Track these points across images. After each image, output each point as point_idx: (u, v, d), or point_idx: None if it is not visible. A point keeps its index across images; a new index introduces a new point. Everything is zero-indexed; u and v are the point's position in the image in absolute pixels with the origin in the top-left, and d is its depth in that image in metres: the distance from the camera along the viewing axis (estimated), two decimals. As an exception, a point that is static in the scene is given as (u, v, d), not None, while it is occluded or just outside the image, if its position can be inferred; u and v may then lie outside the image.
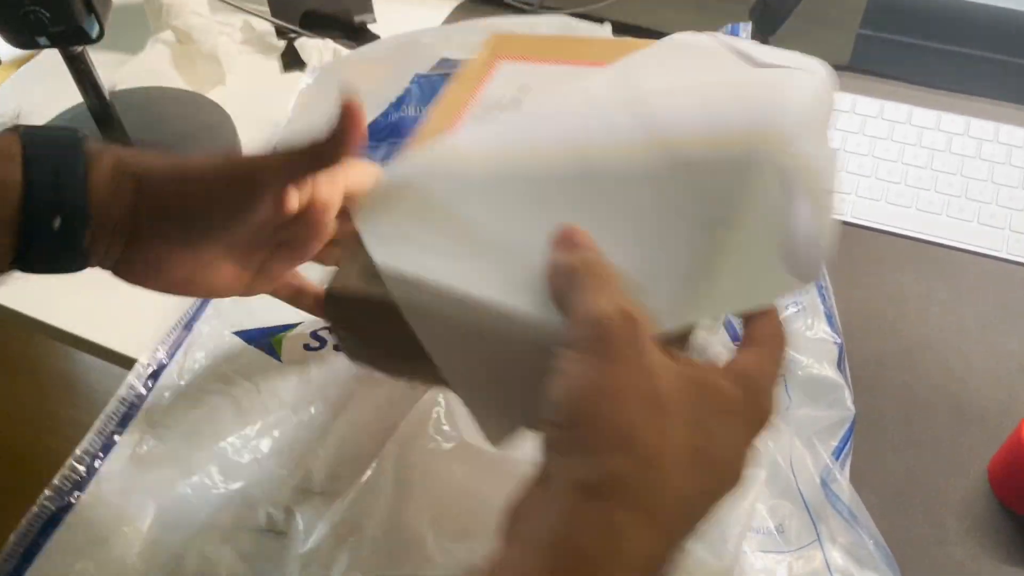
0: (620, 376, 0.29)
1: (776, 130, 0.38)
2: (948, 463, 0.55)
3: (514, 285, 0.36)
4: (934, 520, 0.53)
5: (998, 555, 0.51)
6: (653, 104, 0.41)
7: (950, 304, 0.63)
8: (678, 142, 0.39)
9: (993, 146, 0.71)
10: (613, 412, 0.29)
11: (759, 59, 0.42)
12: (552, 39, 0.50)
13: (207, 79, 0.79)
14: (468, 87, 0.47)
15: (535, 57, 0.48)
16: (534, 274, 0.35)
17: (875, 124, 0.74)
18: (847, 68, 0.80)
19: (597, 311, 0.31)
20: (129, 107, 0.73)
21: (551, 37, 0.50)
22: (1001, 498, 0.53)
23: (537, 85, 0.45)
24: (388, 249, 0.38)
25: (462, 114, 0.45)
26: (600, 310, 0.31)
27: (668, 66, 0.44)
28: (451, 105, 0.46)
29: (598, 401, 0.29)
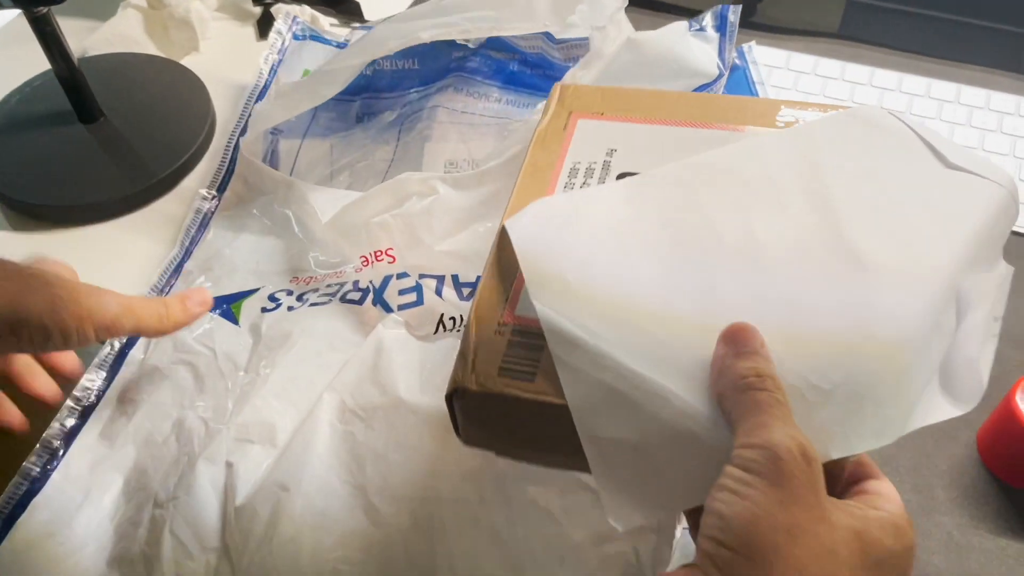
0: (800, 516, 0.29)
1: (959, 248, 0.37)
2: (937, 431, 0.54)
3: (677, 368, 0.34)
4: (923, 489, 0.51)
5: (987, 525, 0.50)
6: (835, 194, 0.39)
7: (939, 272, 0.62)
8: (862, 243, 0.37)
9: (984, 113, 0.70)
10: (791, 552, 0.29)
11: (948, 158, 0.40)
12: (623, 92, 0.48)
13: (180, 46, 0.76)
14: (551, 150, 0.45)
15: (614, 114, 0.47)
16: (698, 362, 0.34)
17: (865, 91, 0.72)
18: (836, 36, 0.78)
19: (775, 440, 0.30)
20: (99, 74, 0.71)
21: (621, 91, 0.49)
22: (990, 467, 0.52)
23: (623, 146, 0.44)
24: (551, 305, 0.37)
25: (553, 180, 0.44)
26: (779, 441, 0.30)
27: (851, 148, 0.41)
28: (539, 169, 0.44)
29: (775, 536, 0.29)
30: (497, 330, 0.38)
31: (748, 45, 0.73)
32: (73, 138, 0.68)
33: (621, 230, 0.40)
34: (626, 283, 0.38)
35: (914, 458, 0.53)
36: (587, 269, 0.38)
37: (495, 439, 0.40)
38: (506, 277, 0.40)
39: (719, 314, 0.35)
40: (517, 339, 0.38)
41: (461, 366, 0.38)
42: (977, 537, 0.49)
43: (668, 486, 0.34)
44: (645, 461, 0.34)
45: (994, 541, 0.49)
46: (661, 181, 0.42)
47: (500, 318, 0.39)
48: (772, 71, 0.73)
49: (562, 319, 0.36)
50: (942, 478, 0.52)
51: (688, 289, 0.37)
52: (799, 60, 0.74)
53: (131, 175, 0.66)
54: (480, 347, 0.38)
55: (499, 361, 0.37)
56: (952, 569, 0.48)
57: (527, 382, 0.37)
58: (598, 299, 0.37)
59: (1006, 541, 0.49)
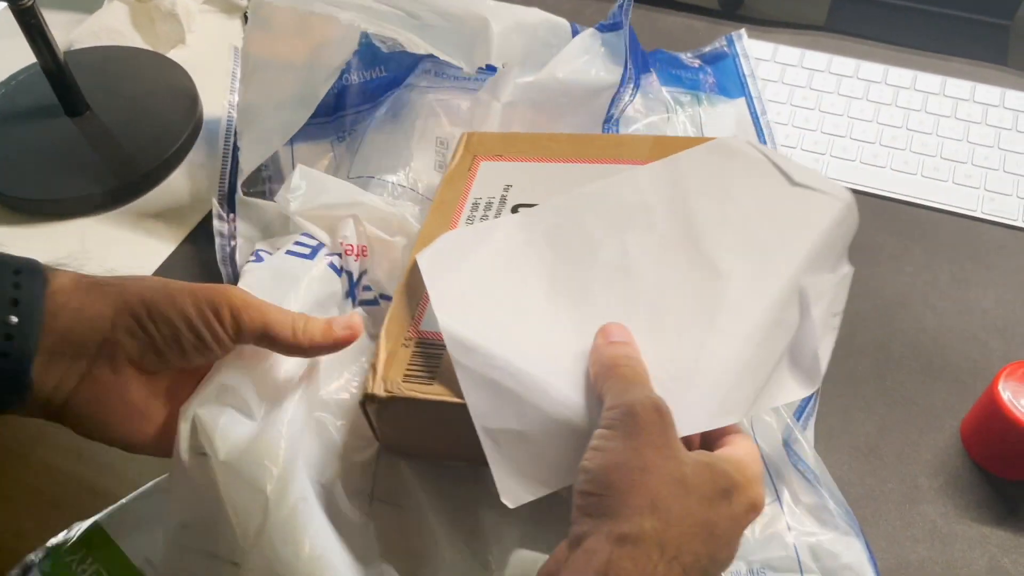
0: (649, 456, 0.34)
1: (801, 254, 0.43)
2: (921, 421, 0.54)
3: (556, 365, 0.40)
4: (906, 478, 0.52)
5: (970, 514, 0.50)
6: (696, 214, 0.46)
7: (925, 263, 0.62)
8: (717, 254, 0.44)
9: (969, 105, 0.70)
10: (644, 484, 0.34)
11: (794, 177, 0.47)
12: (521, 136, 0.56)
13: (166, 38, 0.76)
14: (457, 189, 0.52)
15: (511, 155, 0.54)
16: (575, 358, 0.40)
17: (850, 84, 0.72)
18: (823, 28, 0.78)
19: (631, 399, 0.36)
20: (85, 67, 0.71)
21: (519, 135, 0.56)
22: (974, 457, 0.52)
23: (518, 182, 0.51)
24: (452, 316, 0.43)
25: (457, 214, 0.50)
26: (634, 398, 0.36)
27: (712, 174, 0.48)
28: (445, 204, 0.51)
29: (630, 474, 0.34)
30: (404, 343, 0.44)
31: (738, 33, 0.73)
32: (59, 131, 0.68)
33: (514, 252, 0.46)
34: (516, 296, 0.44)
35: (898, 448, 0.53)
36: (483, 287, 0.45)
37: (407, 441, 0.46)
38: (413, 299, 0.46)
39: (594, 318, 0.42)
40: (420, 350, 0.44)
41: (371, 375, 0.43)
42: (961, 526, 0.50)
43: (550, 466, 0.39)
44: (530, 446, 0.39)
45: (977, 530, 0.50)
46: (551, 210, 0.48)
47: (407, 333, 0.45)
48: (759, 64, 0.74)
49: (460, 327, 0.42)
50: (926, 467, 0.52)
51: (568, 298, 0.44)
52: (785, 53, 0.74)
53: (117, 169, 0.66)
54: (388, 358, 0.44)
55: (404, 369, 0.43)
56: (936, 558, 0.49)
57: (427, 385, 0.42)
58: (492, 310, 0.43)
59: (989, 529, 0.50)
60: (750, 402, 0.40)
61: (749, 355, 0.40)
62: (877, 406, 0.55)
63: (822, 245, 0.44)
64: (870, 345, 0.58)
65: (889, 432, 0.54)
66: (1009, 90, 0.71)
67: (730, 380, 0.40)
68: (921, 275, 0.61)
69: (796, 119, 0.70)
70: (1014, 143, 0.68)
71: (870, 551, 0.47)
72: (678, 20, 0.80)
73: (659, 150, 0.51)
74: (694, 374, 0.40)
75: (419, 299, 0.46)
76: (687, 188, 0.47)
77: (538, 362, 0.40)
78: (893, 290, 0.60)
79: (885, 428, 0.54)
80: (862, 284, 0.61)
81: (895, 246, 0.63)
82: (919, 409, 0.55)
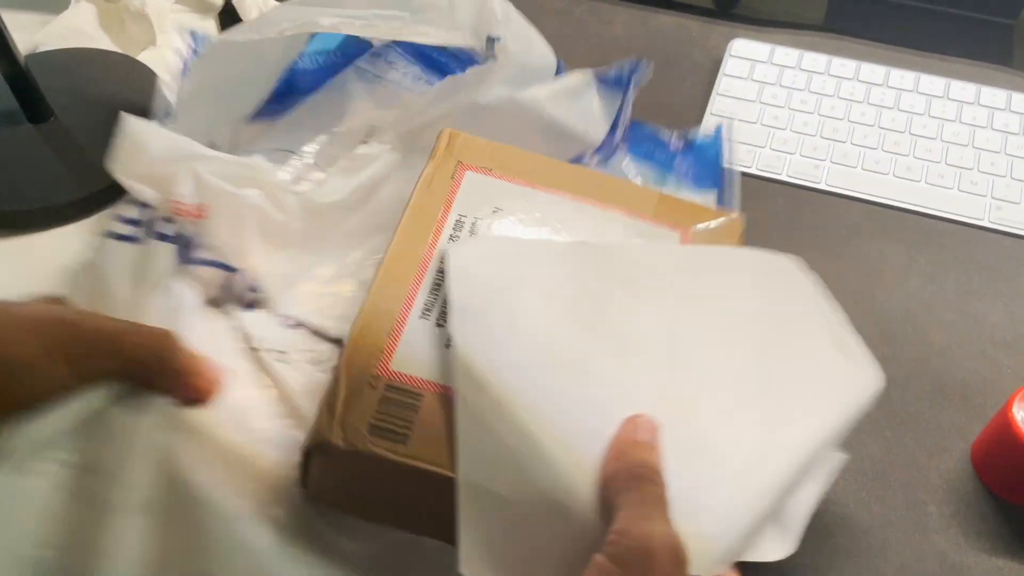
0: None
1: (837, 425, 0.39)
2: (929, 442, 0.51)
3: (570, 440, 0.35)
4: (915, 506, 0.49)
5: (983, 544, 0.48)
6: (734, 324, 0.41)
7: (930, 275, 0.59)
8: (769, 387, 0.39)
9: (974, 109, 0.68)
10: None
11: (839, 331, 0.43)
12: (514, 152, 0.49)
13: (136, 40, 0.73)
14: (437, 196, 0.46)
15: (502, 173, 0.47)
16: (592, 440, 0.35)
17: (851, 86, 0.70)
18: (822, 28, 0.76)
19: (649, 532, 0.31)
20: (50, 71, 0.67)
21: (512, 150, 0.49)
22: (986, 482, 0.50)
23: (508, 207, 0.45)
24: (469, 341, 0.37)
25: (439, 229, 0.44)
26: (653, 532, 0.31)
27: (761, 284, 0.44)
28: (424, 212, 0.45)
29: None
30: (369, 383, 0.37)
31: (729, 122, 0.66)
32: (21, 139, 0.64)
33: (556, 282, 0.41)
34: (543, 340, 0.38)
35: (906, 473, 0.50)
36: (512, 312, 0.39)
37: (347, 498, 0.38)
38: (383, 325, 0.39)
39: (626, 397, 0.36)
40: (391, 395, 0.37)
41: (327, 418, 0.36)
42: (973, 556, 0.47)
43: (526, 553, 0.34)
44: (512, 522, 0.34)
45: (991, 561, 0.47)
46: (599, 251, 0.43)
47: (374, 370, 0.37)
48: (755, 65, 0.71)
49: (477, 356, 0.36)
50: (935, 494, 0.50)
51: (602, 370, 0.38)
52: (783, 54, 0.72)
53: (83, 178, 0.63)
54: (349, 400, 0.36)
55: (369, 417, 0.36)
56: (947, 591, 0.46)
57: (400, 444, 0.36)
58: (514, 348, 0.37)
59: (1003, 561, 0.47)
60: (744, 551, 0.36)
61: (766, 509, 0.36)
62: (883, 427, 0.52)
63: (850, 422, 0.40)
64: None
65: (896, 455, 0.51)
66: (1015, 92, 0.69)
67: (741, 530, 0.35)
68: (927, 288, 0.59)
69: (795, 123, 0.67)
70: (1021, 148, 0.65)
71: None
72: (671, 19, 0.77)
73: (665, 208, 0.47)
74: (711, 510, 0.35)
75: (390, 327, 0.39)
76: (743, 292, 0.43)
77: (551, 427, 0.35)
78: (898, 303, 0.58)
79: (891, 451, 0.51)
80: (865, 298, 0.58)
81: (899, 257, 0.60)
82: (927, 430, 0.52)
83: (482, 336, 0.37)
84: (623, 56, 0.73)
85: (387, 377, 0.37)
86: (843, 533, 0.48)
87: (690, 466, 0.35)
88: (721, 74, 0.71)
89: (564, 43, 0.75)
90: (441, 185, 0.46)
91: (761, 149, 0.66)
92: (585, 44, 0.75)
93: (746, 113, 0.68)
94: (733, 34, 0.75)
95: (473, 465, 0.35)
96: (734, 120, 0.68)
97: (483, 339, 0.37)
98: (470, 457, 0.35)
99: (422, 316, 0.40)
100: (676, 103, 0.70)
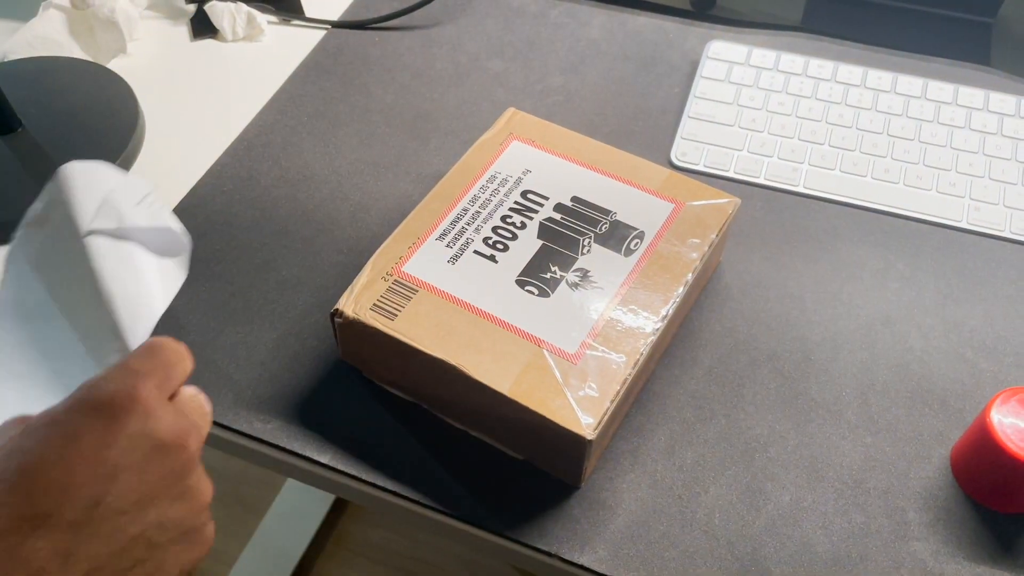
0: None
1: None
2: (909, 449, 0.51)
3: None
4: (894, 513, 0.49)
5: (963, 552, 0.47)
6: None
7: (908, 278, 0.59)
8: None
9: (952, 109, 0.67)
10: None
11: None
12: (563, 132, 0.59)
13: (106, 48, 0.72)
14: (484, 157, 0.57)
15: (543, 144, 0.58)
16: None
17: (828, 87, 0.69)
18: (799, 29, 0.75)
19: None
20: (17, 80, 0.66)
21: (557, 128, 0.59)
22: (966, 489, 0.49)
23: (537, 168, 0.56)
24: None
25: (477, 177, 0.56)
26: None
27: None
28: (469, 167, 0.56)
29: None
30: (384, 276, 0.50)
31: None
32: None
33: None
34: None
35: (885, 480, 0.50)
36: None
37: (362, 360, 0.53)
38: (408, 241, 0.52)
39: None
40: (396, 287, 0.50)
41: (347, 296, 0.50)
42: (953, 564, 0.47)
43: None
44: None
45: (971, 568, 0.47)
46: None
47: (390, 269, 0.51)
48: (733, 67, 0.70)
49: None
50: (915, 501, 0.49)
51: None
52: (760, 55, 0.71)
53: (51, 190, 0.62)
54: (367, 286, 0.50)
55: (375, 299, 0.49)
56: (927, 600, 0.46)
57: (389, 320, 0.48)
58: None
59: (984, 568, 0.47)
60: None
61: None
62: (861, 434, 0.52)
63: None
64: (853, 367, 0.54)
65: (875, 462, 0.51)
66: (993, 92, 0.68)
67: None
68: (905, 291, 0.58)
69: (772, 126, 0.67)
70: (999, 148, 0.65)
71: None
72: (649, 21, 0.76)
73: (670, 184, 0.56)
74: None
75: (414, 242, 0.52)
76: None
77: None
78: (876, 308, 0.57)
79: (870, 458, 0.51)
80: (843, 301, 0.58)
81: (877, 260, 0.60)
82: (906, 437, 0.52)
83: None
84: (600, 59, 0.73)
85: (397, 275, 0.50)
86: (822, 541, 0.47)
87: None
88: (698, 76, 0.70)
89: (541, 46, 0.74)
90: (490, 149, 0.58)
91: (739, 152, 0.65)
92: (562, 47, 0.74)
93: (723, 116, 0.67)
94: (710, 36, 0.74)
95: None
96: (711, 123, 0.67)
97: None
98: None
99: (438, 239, 0.52)
100: (653, 106, 0.69)
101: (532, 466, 0.50)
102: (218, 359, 0.54)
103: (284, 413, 0.52)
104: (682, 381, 0.54)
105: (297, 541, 1.28)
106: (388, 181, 0.64)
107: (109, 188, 0.49)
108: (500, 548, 0.48)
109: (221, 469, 1.35)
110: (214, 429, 0.52)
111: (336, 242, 0.61)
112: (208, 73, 0.72)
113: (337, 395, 0.53)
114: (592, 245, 0.52)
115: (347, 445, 0.51)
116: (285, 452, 0.51)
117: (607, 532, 0.48)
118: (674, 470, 0.50)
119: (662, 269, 0.51)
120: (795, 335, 0.56)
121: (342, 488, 0.51)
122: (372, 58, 0.73)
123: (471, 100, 0.70)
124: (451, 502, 0.49)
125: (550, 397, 0.46)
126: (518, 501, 0.49)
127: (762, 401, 0.53)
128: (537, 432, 0.46)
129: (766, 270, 0.59)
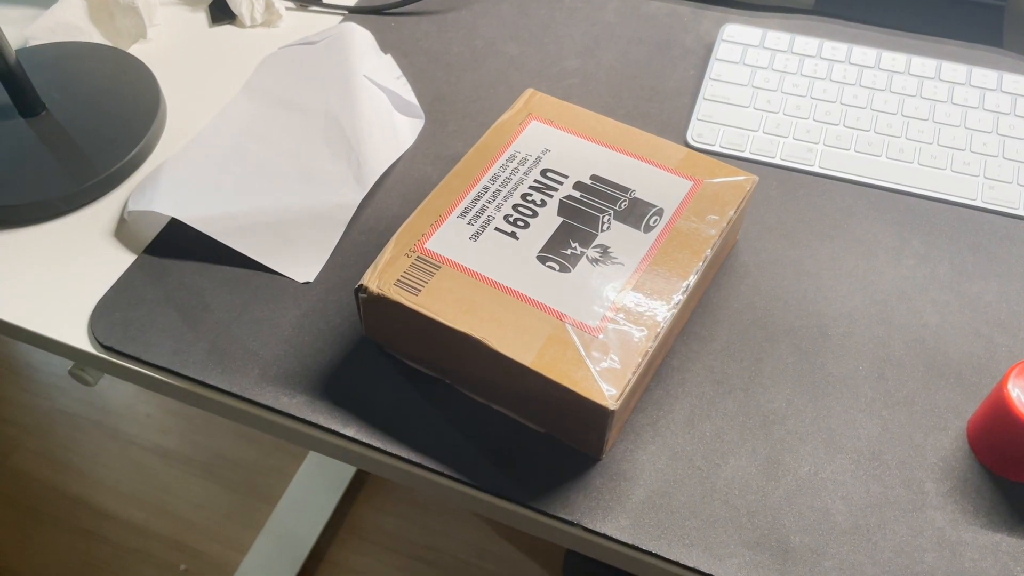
0: None
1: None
2: (925, 422, 0.52)
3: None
4: (912, 483, 0.49)
5: (980, 520, 0.48)
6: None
7: (924, 255, 0.60)
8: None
9: (966, 90, 0.68)
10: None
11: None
12: (581, 112, 0.60)
13: (127, 33, 0.73)
14: (502, 137, 0.58)
15: (562, 124, 0.59)
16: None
17: (843, 69, 0.70)
18: (812, 12, 0.76)
19: None
20: (40, 65, 0.67)
21: (580, 110, 0.60)
22: (982, 459, 0.50)
23: (556, 148, 0.57)
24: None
25: (497, 157, 0.57)
26: None
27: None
28: (487, 149, 0.57)
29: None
30: (407, 253, 0.51)
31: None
32: (13, 133, 0.64)
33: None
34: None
35: (903, 452, 0.50)
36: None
37: (386, 336, 0.53)
38: (431, 218, 0.53)
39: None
40: (419, 264, 0.51)
41: (371, 272, 0.50)
42: (970, 533, 0.48)
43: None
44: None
45: (988, 537, 0.47)
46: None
47: (413, 245, 0.52)
48: (747, 50, 0.71)
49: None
50: (932, 471, 0.50)
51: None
52: (774, 38, 0.72)
53: (75, 171, 0.63)
54: (391, 262, 0.51)
55: (399, 275, 0.50)
56: (945, 567, 0.46)
57: (413, 295, 0.49)
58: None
59: (1001, 536, 0.47)
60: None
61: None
62: (879, 407, 0.52)
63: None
64: (869, 343, 0.55)
65: (892, 435, 0.51)
66: (1006, 73, 0.69)
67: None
68: (920, 268, 0.59)
69: (787, 107, 0.67)
70: (1013, 128, 0.65)
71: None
72: (663, 5, 0.77)
73: (688, 163, 0.56)
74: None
75: (436, 219, 0.53)
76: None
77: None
78: (891, 284, 0.58)
79: (888, 431, 0.51)
80: (859, 278, 0.58)
81: (893, 238, 0.60)
82: (922, 410, 0.52)
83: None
84: (615, 42, 0.74)
85: (420, 251, 0.51)
86: (841, 510, 0.48)
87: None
88: (713, 59, 0.71)
89: (556, 30, 0.75)
90: (509, 129, 0.58)
91: (754, 133, 0.66)
92: (577, 31, 0.74)
93: (738, 97, 0.68)
94: (724, 19, 0.75)
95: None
96: (727, 104, 0.68)
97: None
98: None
99: (460, 216, 0.53)
100: (668, 89, 0.70)
101: (554, 439, 0.51)
102: (244, 336, 0.55)
103: (309, 388, 0.53)
104: (701, 356, 0.54)
105: (310, 528, 1.29)
106: (407, 163, 0.65)
107: (380, 56, 0.68)
108: (523, 518, 0.49)
109: (235, 458, 1.36)
110: (241, 404, 0.53)
111: (357, 222, 0.61)
112: (227, 58, 0.73)
113: (361, 370, 0.54)
114: (612, 222, 0.53)
115: (371, 419, 0.52)
116: (310, 425, 0.52)
117: (629, 502, 0.48)
118: (694, 442, 0.51)
119: (681, 245, 0.52)
120: (812, 311, 0.56)
121: (366, 460, 0.52)
122: (389, 43, 0.74)
123: (487, 83, 0.71)
124: (475, 474, 0.50)
125: (572, 369, 0.46)
126: (541, 473, 0.50)
127: (779, 375, 0.54)
128: (560, 404, 0.47)
129: (783, 248, 0.60)
